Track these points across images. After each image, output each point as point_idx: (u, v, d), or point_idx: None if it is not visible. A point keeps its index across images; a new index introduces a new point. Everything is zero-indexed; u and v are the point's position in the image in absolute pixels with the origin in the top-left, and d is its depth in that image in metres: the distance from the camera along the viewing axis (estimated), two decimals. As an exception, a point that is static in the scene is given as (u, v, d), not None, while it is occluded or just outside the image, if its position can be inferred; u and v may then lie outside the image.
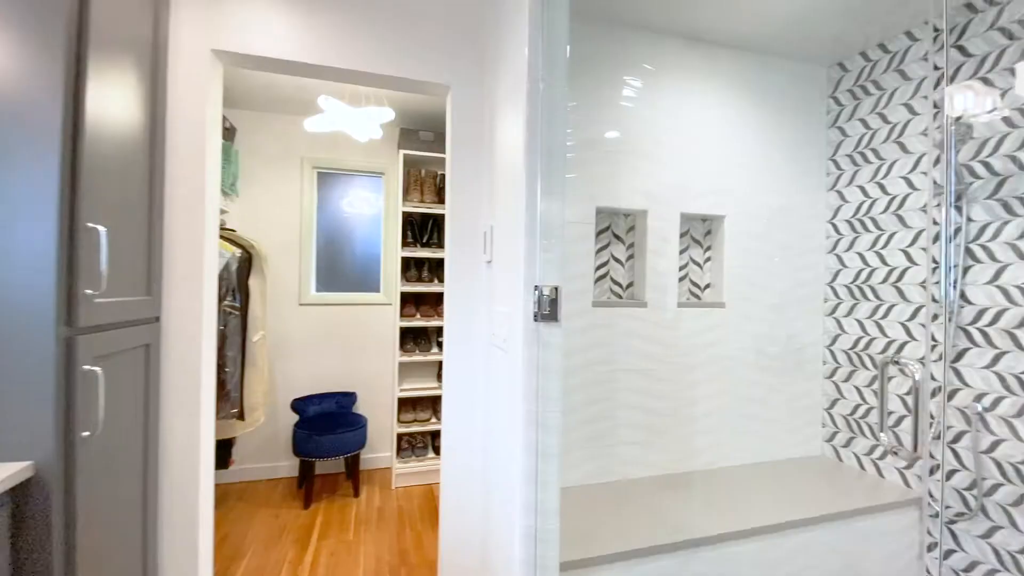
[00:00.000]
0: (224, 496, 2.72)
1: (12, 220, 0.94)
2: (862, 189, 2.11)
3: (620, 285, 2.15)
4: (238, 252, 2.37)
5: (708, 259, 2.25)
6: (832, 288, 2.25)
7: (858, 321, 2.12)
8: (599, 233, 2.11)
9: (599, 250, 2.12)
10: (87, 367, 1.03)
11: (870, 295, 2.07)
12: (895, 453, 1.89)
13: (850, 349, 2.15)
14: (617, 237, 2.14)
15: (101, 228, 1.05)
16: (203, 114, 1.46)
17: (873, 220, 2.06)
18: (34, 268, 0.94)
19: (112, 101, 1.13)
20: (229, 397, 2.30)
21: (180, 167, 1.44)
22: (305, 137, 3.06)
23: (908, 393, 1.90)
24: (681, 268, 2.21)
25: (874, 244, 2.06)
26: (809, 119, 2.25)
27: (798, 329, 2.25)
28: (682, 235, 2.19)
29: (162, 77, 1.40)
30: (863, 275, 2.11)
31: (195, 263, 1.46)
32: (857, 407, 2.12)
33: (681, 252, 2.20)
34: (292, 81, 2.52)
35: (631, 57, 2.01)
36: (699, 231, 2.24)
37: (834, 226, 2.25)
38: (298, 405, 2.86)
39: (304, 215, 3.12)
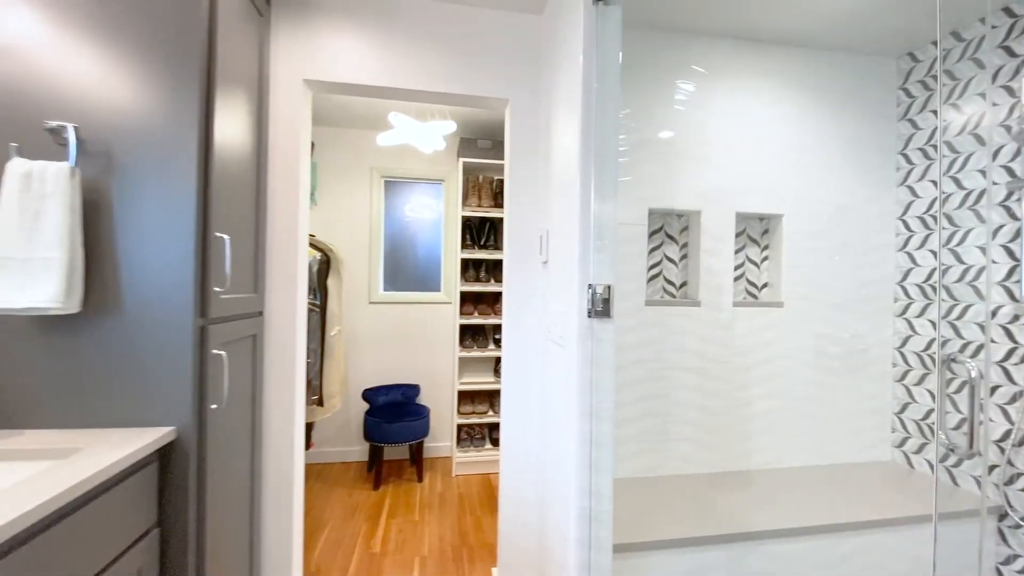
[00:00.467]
0: (304, 475, 3.01)
1: (162, 230, 1.17)
2: (935, 184, 2.02)
3: (673, 284, 2.19)
4: (318, 255, 2.63)
5: (766, 258, 2.23)
6: (903, 287, 2.17)
7: (931, 322, 2.03)
8: (652, 233, 2.16)
9: (652, 250, 2.17)
10: (216, 351, 1.24)
11: (944, 294, 1.98)
12: (952, 451, 1.80)
13: (923, 351, 2.07)
14: (670, 237, 2.18)
15: (226, 237, 1.27)
16: (296, 136, 1.68)
17: (947, 216, 1.97)
18: (178, 270, 1.17)
19: (230, 128, 1.35)
20: (310, 385, 2.56)
21: (278, 182, 1.67)
22: (374, 149, 3.31)
23: (957, 392, 1.81)
24: (737, 267, 2.21)
25: (948, 241, 1.96)
26: (874, 113, 2.18)
27: (864, 330, 2.18)
28: (738, 234, 2.19)
29: (265, 105, 1.63)
30: (936, 274, 2.02)
31: (289, 265, 1.68)
32: (930, 412, 2.03)
33: (737, 251, 2.20)
34: (364, 100, 2.76)
35: (683, 60, 2.05)
36: (756, 230, 2.23)
37: (904, 223, 2.16)
38: (368, 395, 3.10)
39: (373, 221, 3.37)
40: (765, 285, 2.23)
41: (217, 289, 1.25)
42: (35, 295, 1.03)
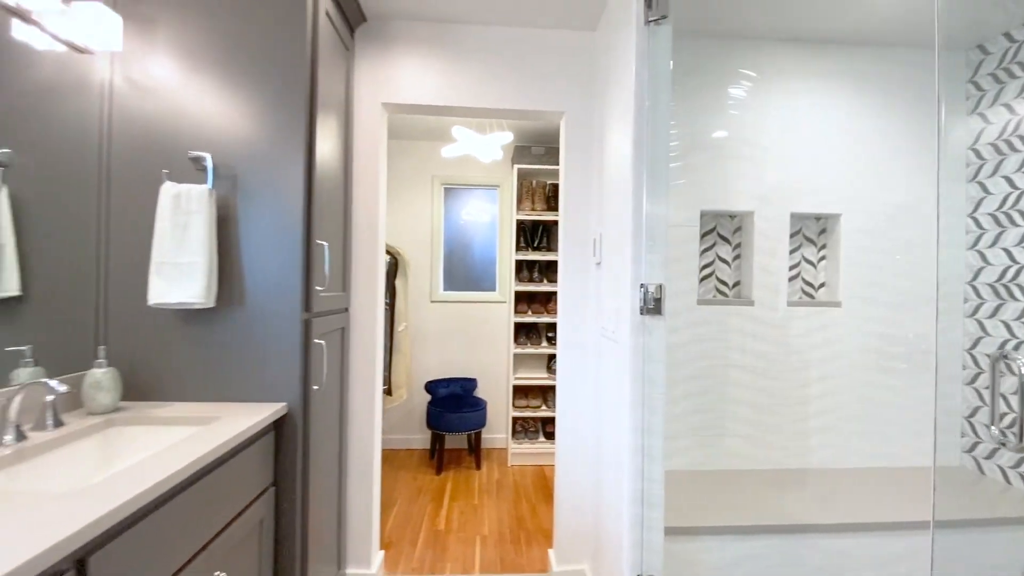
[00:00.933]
0: (373, 460, 3.29)
1: (276, 239, 1.39)
2: (1008, 180, 1.95)
3: (726, 284, 2.23)
4: (387, 257, 2.88)
5: (823, 257, 2.23)
6: (973, 287, 2.10)
7: (1004, 323, 1.96)
8: (705, 234, 2.22)
9: (705, 250, 2.22)
10: (317, 340, 1.47)
11: (1018, 294, 1.91)
12: (1003, 445, 1.73)
13: (988, 353, 1.99)
14: (723, 238, 2.23)
15: (325, 243, 1.49)
16: (375, 153, 1.90)
17: (1022, 213, 1.90)
18: (289, 272, 1.39)
19: (326, 150, 1.57)
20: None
21: (360, 193, 1.89)
22: (436, 159, 3.55)
23: (1015, 392, 1.74)
24: (793, 267, 2.22)
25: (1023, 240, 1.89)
26: (940, 108, 2.12)
27: (929, 330, 2.13)
28: (793, 234, 2.21)
29: (350, 127, 1.85)
30: (1010, 273, 1.94)
31: (371, 267, 1.90)
32: (1002, 416, 1.96)
33: (793, 251, 2.21)
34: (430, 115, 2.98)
35: (735, 63, 2.10)
36: (812, 230, 2.23)
37: (975, 220, 2.09)
38: (430, 386, 3.33)
39: (434, 225, 3.61)
40: (822, 285, 2.23)
41: (318, 288, 1.47)
42: (184, 293, 1.28)
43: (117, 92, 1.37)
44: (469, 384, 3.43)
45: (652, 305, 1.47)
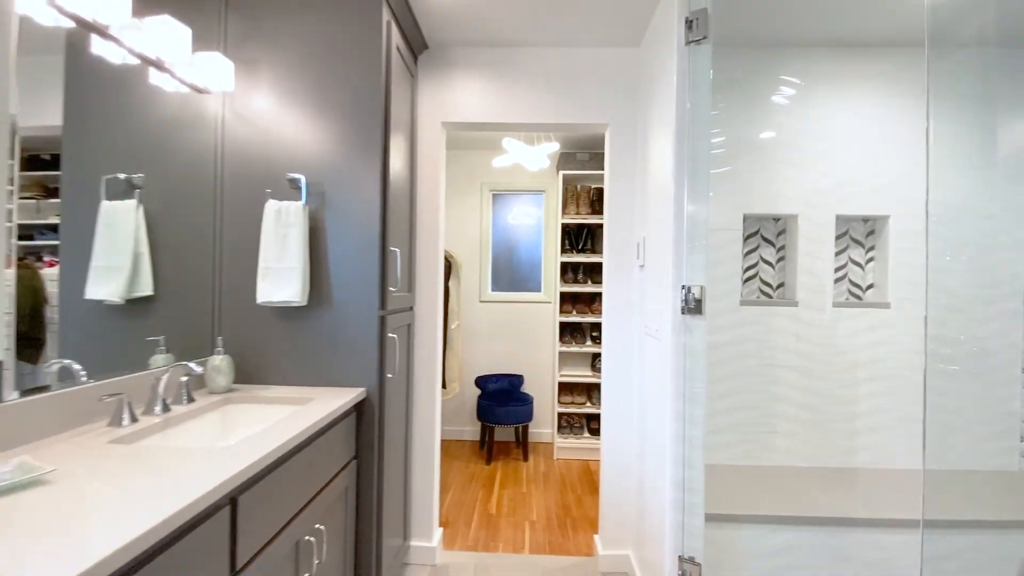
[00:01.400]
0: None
1: (357, 246, 1.61)
2: (1071, 178, 1.90)
3: (770, 286, 2.28)
4: (441, 260, 3.10)
5: (871, 259, 2.24)
6: (1034, 288, 2.05)
7: (1066, 325, 1.91)
8: (748, 237, 2.28)
9: (748, 253, 2.28)
10: (390, 335, 1.67)
11: (1082, 296, 1.86)
12: None
13: (1058, 356, 1.95)
14: (767, 240, 2.28)
15: (397, 249, 1.70)
16: (436, 167, 2.10)
17: (1086, 212, 1.85)
18: (368, 274, 1.60)
19: (396, 165, 1.78)
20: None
21: (423, 204, 2.10)
22: (485, 167, 3.74)
23: None
24: (840, 268, 2.24)
25: (1087, 239, 1.84)
26: (1000, 107, 2.08)
27: (987, 332, 2.09)
28: (840, 236, 2.23)
29: (415, 144, 2.06)
30: (1074, 274, 1.90)
31: (432, 270, 2.10)
32: (1065, 420, 1.91)
33: (840, 252, 2.23)
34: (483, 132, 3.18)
35: (779, 71, 2.15)
36: (860, 232, 2.24)
37: (1036, 220, 2.04)
38: (480, 381, 3.53)
39: (483, 229, 3.81)
40: (870, 286, 2.24)
41: (391, 289, 1.67)
42: (284, 293, 1.52)
43: (228, 124, 1.64)
44: (516, 380, 3.60)
45: (693, 305, 1.58)
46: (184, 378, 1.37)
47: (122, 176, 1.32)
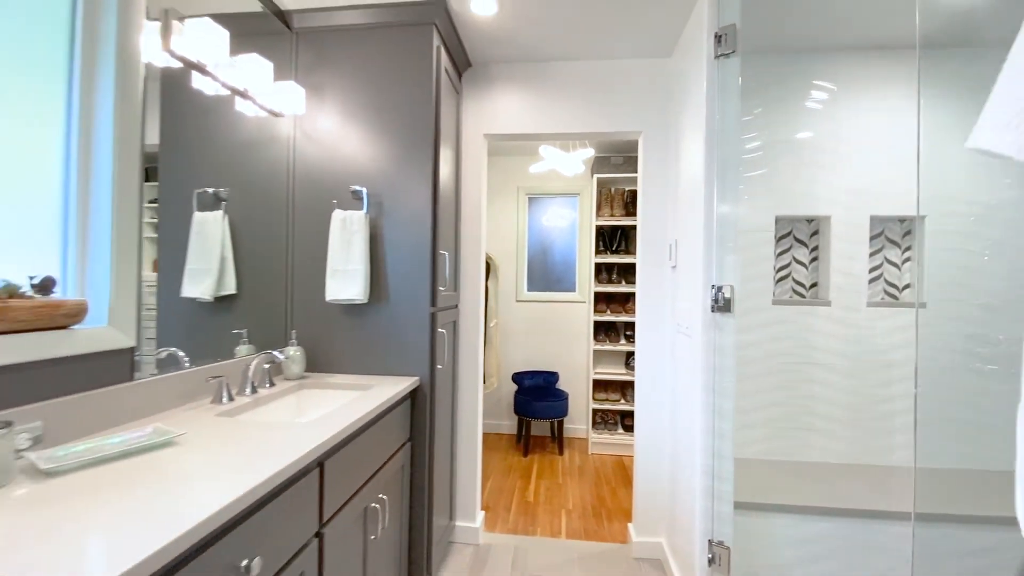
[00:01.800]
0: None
1: (410, 250, 1.79)
2: (1119, 176, 1.87)
3: (803, 285, 2.33)
4: (480, 262, 3.27)
5: (907, 259, 2.25)
6: (1082, 288, 2.01)
7: (1115, 325, 1.88)
8: (781, 238, 2.33)
9: (781, 253, 2.33)
10: (440, 330, 1.85)
11: None
12: None
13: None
14: (799, 241, 2.33)
15: (445, 252, 1.87)
16: (479, 176, 2.26)
17: None
18: (420, 275, 1.78)
19: (444, 176, 1.95)
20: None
21: (467, 210, 2.27)
22: (521, 172, 3.89)
23: None
24: (875, 268, 2.26)
25: None
26: None
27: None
28: (875, 236, 2.25)
29: (459, 155, 2.23)
30: (1123, 273, 1.87)
31: (474, 271, 2.27)
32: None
33: (875, 253, 2.25)
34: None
35: (812, 76, 2.20)
36: (896, 232, 2.26)
37: (1084, 218, 2.01)
38: (517, 378, 3.68)
39: (519, 232, 3.96)
40: (907, 286, 2.25)
41: (441, 288, 1.85)
42: (349, 292, 1.71)
43: (298, 143, 1.85)
44: (551, 377, 3.73)
45: (723, 303, 1.67)
46: (267, 365, 1.58)
47: (210, 190, 1.54)
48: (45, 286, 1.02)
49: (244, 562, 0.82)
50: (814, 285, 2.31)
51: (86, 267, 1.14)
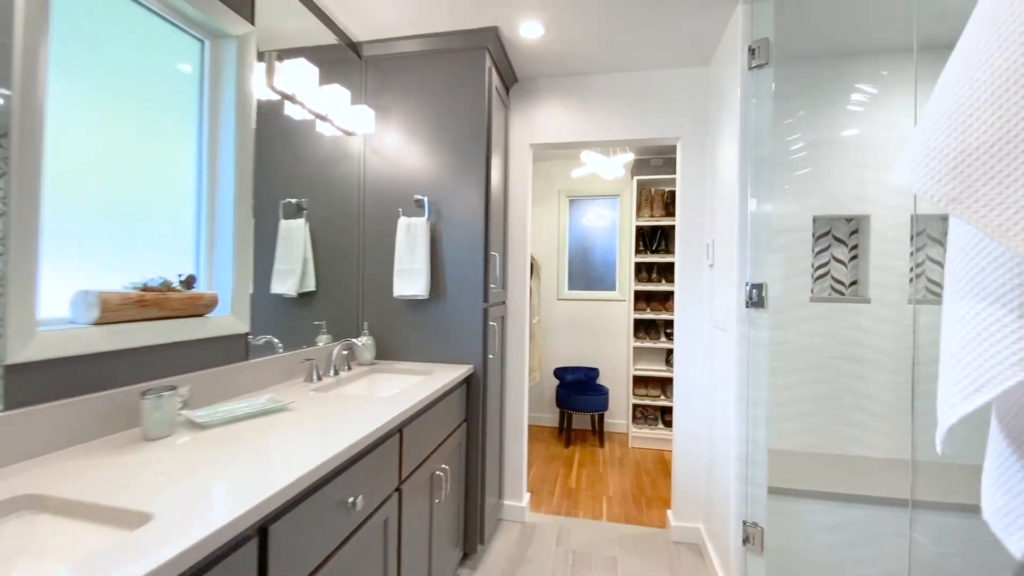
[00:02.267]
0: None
1: (465, 251, 2.00)
2: None
3: (842, 283, 2.37)
4: (524, 262, 3.45)
5: (952, 257, 2.25)
6: None
7: None
8: (820, 236, 2.38)
9: (820, 252, 2.39)
10: (491, 323, 2.05)
11: None
12: None
13: None
14: (838, 240, 2.37)
15: (496, 253, 2.07)
16: (524, 183, 2.45)
17: None
18: (474, 274, 1.99)
19: (494, 183, 2.15)
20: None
21: (514, 214, 2.46)
22: (563, 175, 4.06)
23: None
24: (918, 266, 2.28)
25: None
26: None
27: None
28: (918, 234, 2.27)
29: (507, 163, 2.43)
30: None
31: (520, 270, 2.46)
32: None
33: (917, 250, 2.27)
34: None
35: (851, 76, 2.25)
36: (938, 231, 2.27)
37: None
38: (558, 372, 3.84)
39: (560, 232, 4.12)
40: (951, 283, 2.25)
41: (492, 286, 2.05)
42: (414, 289, 1.94)
43: (367, 158, 2.10)
44: (592, 372, 3.87)
45: (756, 300, 1.78)
46: (344, 352, 1.82)
47: (293, 201, 1.79)
48: (188, 282, 1.29)
49: (351, 499, 1.04)
50: (854, 283, 2.35)
51: (213, 267, 1.41)
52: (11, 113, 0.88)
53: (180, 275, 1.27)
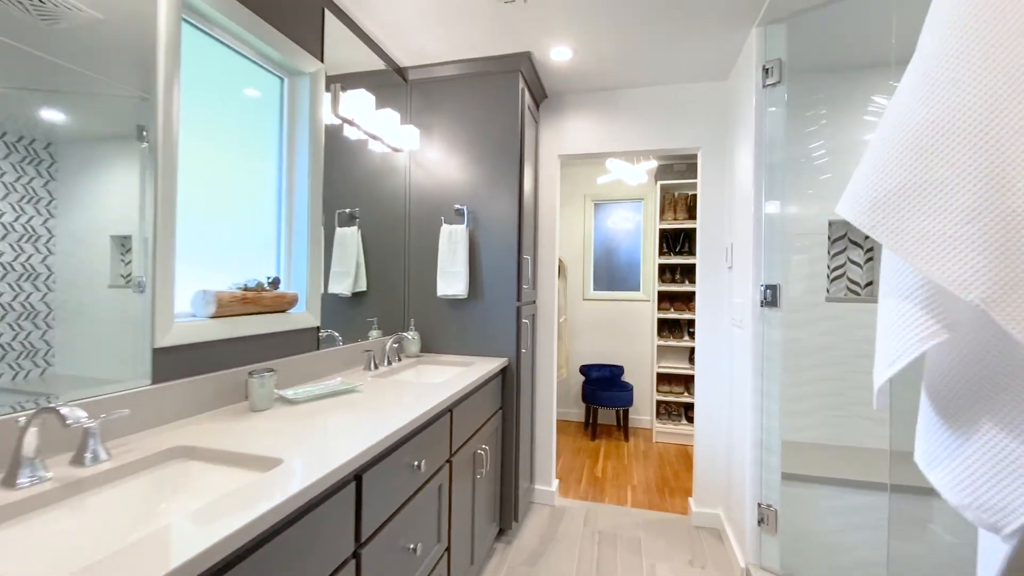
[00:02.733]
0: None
1: (500, 255, 2.20)
2: None
3: (858, 284, 2.48)
4: (552, 264, 3.64)
5: (967, 258, 2.33)
6: None
7: None
8: (836, 239, 2.50)
9: (836, 254, 2.50)
10: (524, 320, 2.25)
11: None
12: None
13: None
14: (854, 243, 2.48)
15: (528, 256, 2.27)
16: (553, 191, 2.65)
17: None
18: (508, 275, 2.19)
19: (525, 190, 2.35)
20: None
21: (543, 220, 2.66)
22: (588, 180, 4.23)
23: None
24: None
25: None
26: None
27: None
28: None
29: (537, 172, 2.63)
30: None
31: (549, 272, 2.65)
32: None
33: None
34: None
35: (870, 88, 2.36)
36: (954, 232, 2.35)
37: None
38: (584, 369, 4.02)
39: (585, 235, 4.29)
40: (967, 284, 2.33)
41: (524, 286, 2.25)
42: (455, 289, 2.16)
43: (412, 171, 2.33)
44: (617, 370, 4.03)
45: (770, 299, 1.93)
46: (395, 344, 2.05)
47: (347, 210, 2.03)
48: (274, 284, 1.53)
49: (416, 462, 1.26)
50: (869, 284, 2.46)
51: (291, 270, 1.65)
52: (156, 144, 1.13)
53: (268, 277, 1.52)
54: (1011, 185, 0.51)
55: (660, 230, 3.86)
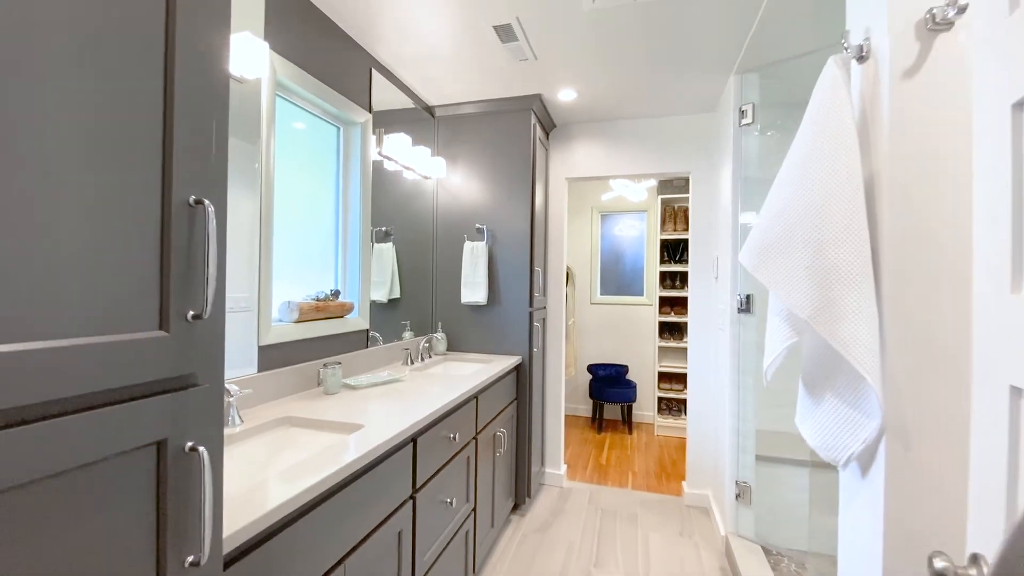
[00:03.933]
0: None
1: (514, 267, 2.57)
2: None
3: (833, 291, 2.79)
4: (561, 271, 3.99)
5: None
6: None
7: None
8: (814, 252, 2.81)
9: (814, 265, 2.82)
10: (535, 324, 2.61)
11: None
12: None
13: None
14: (829, 255, 2.79)
15: (539, 269, 2.63)
16: (561, 209, 3.00)
17: None
18: (522, 285, 2.55)
19: (536, 208, 2.70)
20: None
21: (552, 235, 3.01)
22: (595, 195, 4.58)
23: None
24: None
25: None
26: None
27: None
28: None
29: (547, 192, 2.99)
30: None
31: (558, 280, 3.01)
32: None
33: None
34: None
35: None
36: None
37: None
38: (591, 368, 4.36)
39: (592, 244, 4.64)
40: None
41: (535, 294, 2.61)
42: (476, 297, 2.53)
43: (439, 195, 2.71)
44: (621, 369, 4.36)
45: (745, 306, 2.26)
46: (426, 344, 2.43)
47: (383, 228, 2.41)
48: (336, 294, 1.91)
49: (451, 435, 1.62)
50: (842, 291, 2.77)
51: (346, 282, 2.04)
52: (261, 184, 1.52)
53: (331, 289, 1.90)
54: (826, 249, 0.85)
55: (661, 240, 4.19)
